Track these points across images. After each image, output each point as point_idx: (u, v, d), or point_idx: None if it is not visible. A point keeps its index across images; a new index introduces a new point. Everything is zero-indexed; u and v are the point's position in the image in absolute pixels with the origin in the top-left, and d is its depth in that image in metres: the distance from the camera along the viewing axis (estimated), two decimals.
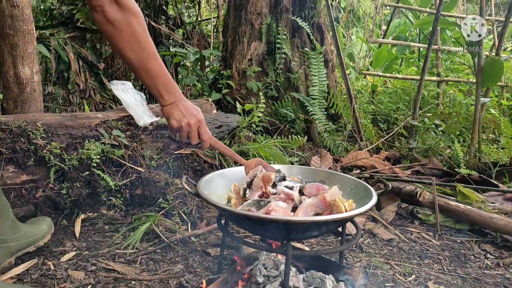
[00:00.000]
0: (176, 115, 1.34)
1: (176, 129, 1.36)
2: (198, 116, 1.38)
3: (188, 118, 1.35)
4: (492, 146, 3.56)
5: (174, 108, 1.34)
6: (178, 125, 1.35)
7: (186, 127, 1.36)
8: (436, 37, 4.50)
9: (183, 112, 1.35)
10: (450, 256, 1.96)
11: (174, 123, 1.35)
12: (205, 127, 1.41)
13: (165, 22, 6.21)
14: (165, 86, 1.32)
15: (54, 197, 1.92)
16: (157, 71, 1.30)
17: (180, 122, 1.35)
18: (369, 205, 1.33)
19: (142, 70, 1.28)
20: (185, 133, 1.37)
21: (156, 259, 1.76)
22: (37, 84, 2.81)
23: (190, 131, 1.37)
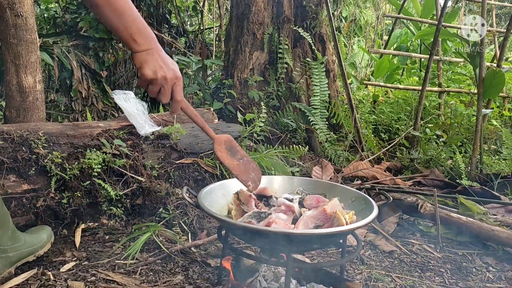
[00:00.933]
0: (151, 64, 1.19)
1: (149, 80, 1.20)
2: (176, 72, 1.24)
3: (165, 71, 1.20)
4: (494, 157, 3.55)
5: (150, 56, 1.19)
6: (152, 76, 1.19)
7: (160, 80, 1.20)
8: (437, 47, 4.52)
9: (159, 63, 1.20)
10: (451, 269, 1.95)
11: (149, 73, 1.19)
12: (181, 86, 1.27)
13: (167, 30, 6.26)
14: (137, 28, 1.18)
15: (55, 207, 1.92)
16: (124, 8, 1.16)
17: (156, 73, 1.19)
18: (370, 218, 1.33)
19: (106, 5, 1.13)
20: (157, 87, 1.21)
21: (156, 269, 1.75)
22: (40, 93, 2.82)
23: (164, 85, 1.22)
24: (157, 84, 1.21)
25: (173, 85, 1.24)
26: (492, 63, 4.21)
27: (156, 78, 1.20)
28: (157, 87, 1.22)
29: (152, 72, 1.19)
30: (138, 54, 1.19)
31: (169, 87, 1.23)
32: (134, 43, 1.18)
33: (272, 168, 2.75)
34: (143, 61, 1.19)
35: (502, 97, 4.66)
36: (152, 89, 1.22)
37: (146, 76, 1.19)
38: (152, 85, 1.21)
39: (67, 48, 4.26)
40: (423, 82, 3.64)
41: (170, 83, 1.22)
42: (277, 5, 4.13)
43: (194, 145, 2.53)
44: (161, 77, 1.20)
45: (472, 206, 2.29)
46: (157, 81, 1.20)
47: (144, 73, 1.19)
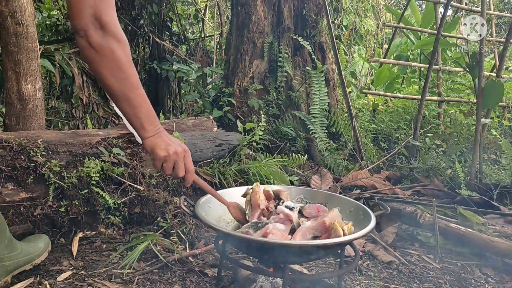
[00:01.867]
0: (162, 144, 1.28)
1: (163, 158, 1.28)
2: (183, 146, 1.33)
3: (174, 147, 1.29)
4: (494, 167, 3.55)
5: (158, 139, 1.28)
6: (164, 154, 1.27)
7: (173, 156, 1.28)
8: (436, 57, 4.53)
9: (167, 141, 1.29)
10: (450, 280, 1.94)
11: (161, 152, 1.27)
12: (190, 158, 1.35)
13: (169, 38, 6.28)
14: (148, 117, 1.26)
15: (52, 215, 1.92)
16: (139, 101, 1.24)
17: (167, 150, 1.27)
18: (367, 229, 1.32)
19: (124, 100, 1.22)
20: (171, 163, 1.29)
21: (153, 279, 1.75)
22: (40, 101, 2.83)
23: (177, 160, 1.30)
24: (170, 160, 1.28)
25: (183, 158, 1.31)
26: (491, 73, 4.22)
27: (169, 155, 1.27)
28: (171, 163, 1.29)
29: (164, 151, 1.27)
30: (147, 140, 1.28)
31: (181, 160, 1.30)
32: (143, 130, 1.27)
33: (271, 177, 2.75)
34: (154, 144, 1.27)
35: (502, 106, 4.67)
36: (167, 166, 1.29)
37: (159, 156, 1.27)
38: (166, 163, 1.28)
39: (69, 55, 4.28)
40: (423, 91, 3.65)
41: (181, 156, 1.30)
42: (277, 14, 4.15)
43: (193, 154, 2.52)
44: (172, 153, 1.28)
45: (471, 216, 2.28)
46: (170, 158, 1.28)
47: (158, 154, 1.27)
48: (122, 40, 1.18)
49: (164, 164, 1.29)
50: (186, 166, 1.33)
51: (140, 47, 5.87)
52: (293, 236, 1.36)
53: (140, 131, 1.27)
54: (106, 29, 1.13)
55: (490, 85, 3.01)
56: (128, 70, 1.21)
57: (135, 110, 1.24)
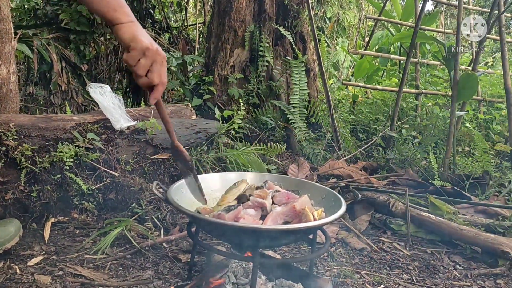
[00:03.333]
0: (146, 36, 1.09)
1: (144, 50, 1.07)
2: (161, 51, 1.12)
3: (158, 46, 1.10)
4: (467, 159, 3.63)
5: (140, 29, 1.09)
6: (147, 45, 1.07)
7: (154, 53, 1.08)
8: (415, 50, 4.59)
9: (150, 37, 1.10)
10: (419, 267, 1.99)
11: (145, 40, 1.07)
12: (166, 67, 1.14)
13: (151, 26, 6.20)
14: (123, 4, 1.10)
15: (24, 200, 1.90)
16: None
17: (152, 44, 1.08)
18: (337, 215, 1.35)
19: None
20: (149, 61, 1.08)
21: (126, 265, 1.74)
22: (14, 84, 2.77)
23: (157, 60, 1.09)
24: (150, 56, 1.07)
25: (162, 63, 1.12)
26: (468, 67, 4.30)
27: (152, 49, 1.08)
28: (149, 61, 1.08)
29: (149, 42, 1.08)
30: (125, 25, 1.08)
31: (160, 63, 1.10)
32: (117, 13, 1.08)
33: (248, 165, 2.76)
34: (135, 30, 1.08)
35: (478, 100, 4.76)
36: (144, 63, 1.08)
37: (142, 45, 1.06)
38: (145, 58, 1.07)
39: (47, 41, 4.19)
40: (400, 84, 3.70)
41: (161, 60, 1.11)
42: (259, 3, 4.13)
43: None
44: (156, 48, 1.09)
45: (442, 205, 2.34)
46: (151, 52, 1.08)
47: (141, 41, 1.06)
48: None
49: (142, 59, 1.07)
50: (161, 75, 1.12)
51: None
52: (264, 221, 1.38)
53: (113, 14, 1.08)
54: None
55: (465, 78, 3.07)
56: None
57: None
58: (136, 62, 1.07)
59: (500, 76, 5.02)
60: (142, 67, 1.08)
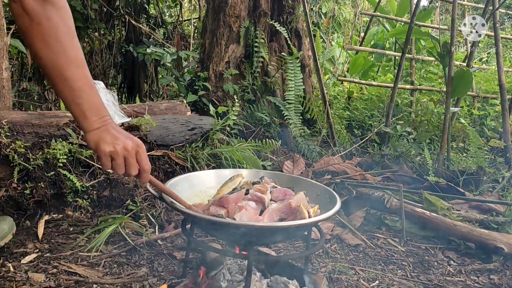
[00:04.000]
0: (107, 138, 1.09)
1: (108, 154, 1.09)
2: (135, 140, 1.14)
3: (123, 140, 1.10)
4: (462, 155, 3.64)
5: (103, 132, 1.09)
6: (110, 149, 1.08)
7: (122, 152, 1.10)
8: (410, 46, 4.59)
9: (115, 135, 1.10)
10: (414, 262, 2.00)
11: (106, 147, 1.08)
12: (145, 153, 1.17)
13: (145, 21, 6.16)
14: (90, 104, 1.07)
15: (17, 197, 1.88)
16: (80, 84, 1.04)
17: (114, 145, 1.09)
18: (331, 212, 1.35)
19: (60, 79, 1.02)
20: (121, 160, 1.11)
21: (120, 262, 1.74)
22: (7, 80, 2.75)
23: (128, 156, 1.11)
24: (119, 156, 1.10)
25: (136, 154, 1.14)
26: (462, 63, 4.31)
27: (116, 151, 1.09)
28: (121, 160, 1.11)
29: (109, 145, 1.09)
30: (91, 133, 1.08)
31: (133, 156, 1.13)
32: (85, 120, 1.06)
33: (243, 161, 2.76)
34: (99, 138, 1.08)
35: (472, 96, 4.78)
36: (116, 164, 1.11)
37: (104, 151, 1.08)
38: (115, 160, 1.10)
39: None
40: (395, 80, 3.70)
41: (133, 152, 1.12)
42: None
43: (164, 137, 2.51)
44: (120, 148, 1.10)
45: (436, 201, 2.35)
46: (118, 154, 1.10)
47: (102, 149, 1.08)
48: (63, 7, 1.03)
49: (113, 162, 1.11)
50: (140, 164, 1.15)
51: (116, 29, 5.73)
52: (261, 218, 1.38)
53: (82, 121, 1.07)
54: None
55: (459, 74, 3.07)
56: (67, 42, 1.02)
57: (74, 94, 1.04)
58: (109, 167, 1.12)
59: (494, 72, 5.04)
60: (117, 168, 1.12)
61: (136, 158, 1.14)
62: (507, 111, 3.51)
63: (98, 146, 1.09)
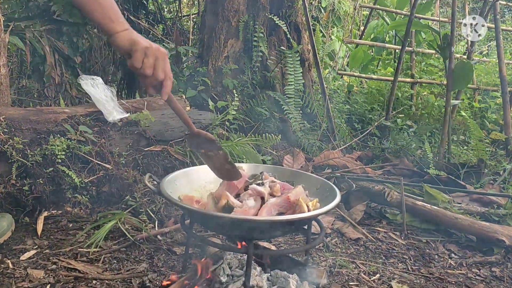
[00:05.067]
0: (142, 38, 1.13)
1: (144, 50, 1.10)
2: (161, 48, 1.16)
3: (156, 44, 1.13)
4: (462, 148, 3.63)
5: (136, 34, 1.13)
6: (147, 45, 1.11)
7: (155, 51, 1.11)
8: (410, 39, 4.56)
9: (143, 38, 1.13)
10: (415, 256, 1.99)
11: (144, 42, 1.11)
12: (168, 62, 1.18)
13: (144, 16, 6.13)
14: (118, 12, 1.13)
15: (16, 194, 1.88)
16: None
17: (151, 44, 1.11)
18: (331, 205, 1.34)
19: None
20: (152, 59, 1.11)
21: (120, 258, 1.73)
22: (5, 77, 2.73)
23: (159, 56, 1.12)
24: (152, 54, 1.11)
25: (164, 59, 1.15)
26: (463, 56, 4.28)
27: (151, 47, 1.11)
28: (152, 59, 1.11)
29: (147, 43, 1.12)
30: (122, 33, 1.11)
31: (163, 59, 1.14)
32: (113, 24, 1.11)
33: (243, 156, 2.75)
34: (132, 36, 1.12)
35: (473, 88, 4.75)
36: (148, 61, 1.11)
37: (142, 46, 1.10)
38: (148, 57, 1.11)
39: (40, 33, 4.13)
40: (395, 73, 3.68)
41: (163, 55, 1.14)
42: None
43: (163, 133, 2.50)
44: (156, 47, 1.12)
45: (436, 194, 2.34)
46: (152, 51, 1.11)
47: (140, 43, 1.10)
48: None
49: (145, 59, 1.10)
50: (166, 70, 1.15)
51: None
52: (259, 212, 1.37)
53: (110, 24, 1.11)
54: None
55: (459, 67, 3.05)
56: None
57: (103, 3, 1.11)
58: (141, 63, 1.11)
59: (495, 65, 5.01)
60: (148, 66, 1.11)
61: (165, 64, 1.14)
62: (508, 104, 3.49)
63: (134, 41, 1.10)
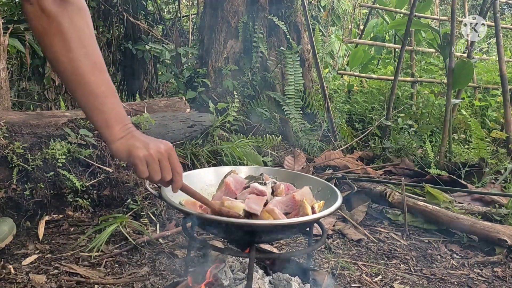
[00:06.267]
0: (139, 144, 1.01)
1: (144, 159, 1.00)
2: (166, 142, 1.06)
3: (155, 144, 1.03)
4: (463, 147, 3.62)
5: (130, 140, 1.01)
6: (145, 153, 1.00)
7: (156, 155, 1.01)
8: (410, 38, 4.55)
9: (145, 140, 1.02)
10: (417, 256, 1.99)
11: (140, 152, 0.99)
12: (176, 157, 1.08)
13: (144, 17, 6.12)
14: (115, 112, 1.00)
15: (17, 198, 1.88)
16: (103, 88, 0.97)
17: (148, 149, 1.00)
18: (332, 208, 1.33)
19: (81, 84, 0.95)
20: (156, 164, 1.02)
21: (121, 261, 1.73)
22: (4, 81, 2.73)
23: (162, 160, 1.03)
24: (154, 159, 1.02)
25: (169, 157, 1.06)
26: (463, 54, 4.27)
27: (151, 154, 1.01)
28: (156, 164, 1.02)
29: (144, 149, 1.00)
30: (118, 143, 1.00)
31: (166, 159, 1.05)
32: (110, 131, 0.99)
33: (244, 158, 2.75)
34: (129, 145, 1.00)
35: (473, 87, 4.75)
36: (153, 168, 1.02)
37: (140, 156, 0.99)
38: (151, 165, 1.01)
39: None
40: (395, 72, 3.67)
41: (166, 155, 1.04)
42: None
43: (164, 135, 2.50)
44: (155, 152, 1.01)
45: (438, 194, 2.33)
46: (152, 157, 1.01)
47: (137, 154, 0.99)
48: (83, 9, 0.96)
49: (149, 168, 1.01)
50: (173, 167, 1.07)
51: (114, 26, 5.70)
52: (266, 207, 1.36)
53: (105, 131, 0.99)
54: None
55: (460, 66, 3.05)
56: (90, 46, 0.96)
57: (97, 100, 0.97)
58: (147, 173, 1.03)
59: (495, 63, 5.00)
60: (154, 173, 1.03)
61: (169, 161, 1.06)
62: (509, 102, 3.48)
63: (131, 154, 1.00)
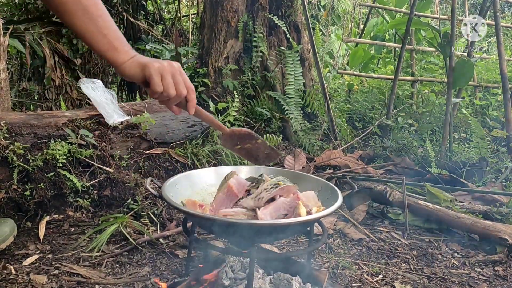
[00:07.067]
0: (150, 59, 1.06)
1: (158, 71, 1.03)
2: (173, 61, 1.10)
3: (166, 60, 1.07)
4: (464, 146, 3.62)
5: (142, 58, 1.06)
6: (158, 64, 1.04)
7: (169, 68, 1.04)
8: (410, 37, 4.55)
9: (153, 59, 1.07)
10: (417, 255, 1.99)
11: (154, 64, 1.03)
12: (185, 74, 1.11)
13: (144, 17, 6.13)
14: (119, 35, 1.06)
15: (18, 199, 1.88)
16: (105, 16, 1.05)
17: (161, 62, 1.05)
18: (332, 208, 1.33)
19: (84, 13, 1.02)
20: (169, 77, 1.04)
21: (122, 262, 1.73)
22: (5, 81, 2.73)
23: (175, 74, 1.05)
24: (168, 72, 1.04)
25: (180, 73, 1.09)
26: (463, 53, 4.27)
27: (164, 66, 1.04)
28: (169, 77, 1.05)
29: (157, 62, 1.05)
30: (129, 62, 1.05)
31: (178, 73, 1.07)
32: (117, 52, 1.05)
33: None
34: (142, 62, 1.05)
35: (473, 86, 4.74)
36: (168, 82, 1.04)
37: (155, 68, 1.03)
38: (165, 79, 1.04)
39: (39, 35, 4.14)
40: (395, 71, 3.67)
41: (178, 69, 1.07)
42: None
43: (164, 135, 2.50)
44: (168, 64, 1.05)
45: (439, 193, 2.33)
46: (166, 70, 1.04)
47: (152, 66, 1.03)
48: None
49: (163, 81, 1.03)
50: (186, 84, 1.09)
51: None
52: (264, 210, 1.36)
53: (113, 54, 1.04)
54: None
55: (460, 65, 3.04)
56: None
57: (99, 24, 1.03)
58: (161, 86, 1.04)
59: (495, 61, 5.00)
60: (170, 87, 1.05)
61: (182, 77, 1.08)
62: (509, 101, 3.47)
63: (145, 67, 1.04)
